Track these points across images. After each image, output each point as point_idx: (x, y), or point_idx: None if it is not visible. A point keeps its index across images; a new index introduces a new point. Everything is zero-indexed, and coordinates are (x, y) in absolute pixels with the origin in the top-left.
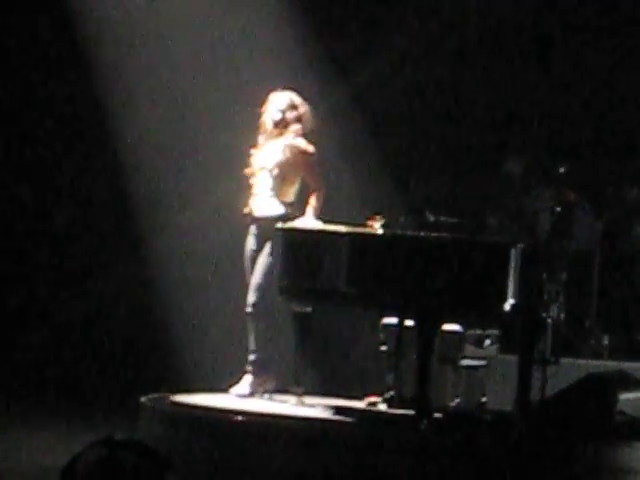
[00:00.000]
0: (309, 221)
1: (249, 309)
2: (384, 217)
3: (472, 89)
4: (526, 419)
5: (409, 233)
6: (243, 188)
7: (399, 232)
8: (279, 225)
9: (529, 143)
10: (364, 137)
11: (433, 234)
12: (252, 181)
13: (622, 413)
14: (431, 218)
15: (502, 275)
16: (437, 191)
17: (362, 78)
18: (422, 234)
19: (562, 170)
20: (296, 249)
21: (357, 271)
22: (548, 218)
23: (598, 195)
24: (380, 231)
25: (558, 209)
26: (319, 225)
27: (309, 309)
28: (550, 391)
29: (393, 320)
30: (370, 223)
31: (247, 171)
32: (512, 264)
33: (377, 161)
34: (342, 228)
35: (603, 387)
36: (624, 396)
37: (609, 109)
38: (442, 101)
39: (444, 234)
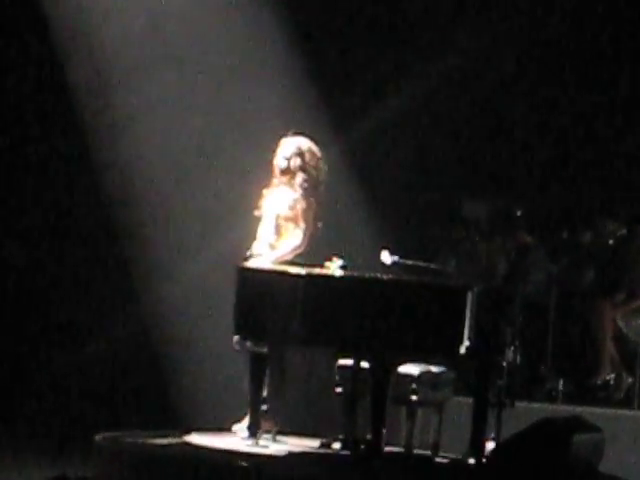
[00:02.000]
0: (264, 261)
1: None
2: (341, 258)
3: (436, 137)
4: (480, 462)
5: (365, 275)
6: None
7: (355, 274)
8: (237, 265)
9: (487, 188)
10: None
11: (390, 276)
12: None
13: (576, 458)
14: (389, 260)
15: (459, 318)
16: (396, 233)
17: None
18: (378, 276)
19: (518, 214)
20: (252, 288)
21: (312, 313)
22: (504, 261)
23: (553, 239)
24: (337, 273)
25: (514, 252)
26: (273, 266)
27: (265, 350)
28: (505, 434)
29: (349, 361)
30: (327, 264)
31: (256, 213)
32: (468, 307)
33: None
34: (299, 269)
35: (557, 432)
36: (578, 441)
37: (564, 154)
38: (405, 148)
39: (401, 277)
